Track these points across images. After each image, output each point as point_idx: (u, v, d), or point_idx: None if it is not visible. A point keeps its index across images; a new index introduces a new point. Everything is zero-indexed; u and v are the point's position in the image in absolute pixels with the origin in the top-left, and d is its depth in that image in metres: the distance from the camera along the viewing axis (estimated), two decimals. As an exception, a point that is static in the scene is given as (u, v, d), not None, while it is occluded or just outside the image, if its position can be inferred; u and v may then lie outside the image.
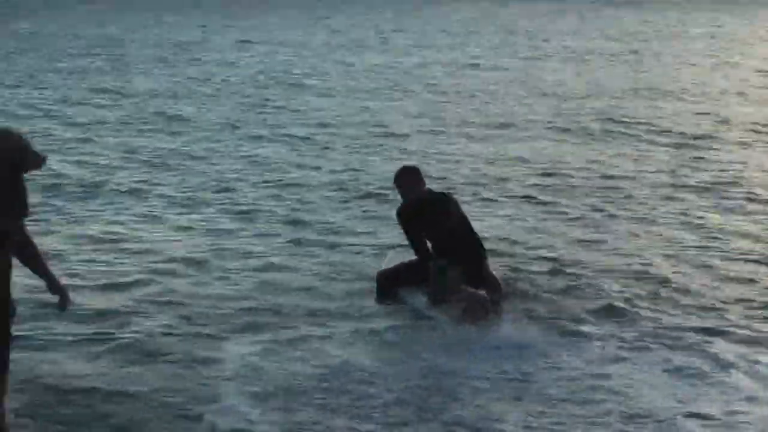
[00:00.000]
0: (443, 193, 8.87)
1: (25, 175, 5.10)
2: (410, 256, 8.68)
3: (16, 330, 5.63)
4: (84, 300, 8.38)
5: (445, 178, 12.96)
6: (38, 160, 5.08)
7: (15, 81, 22.44)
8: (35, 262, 5.35)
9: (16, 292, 5.45)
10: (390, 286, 8.55)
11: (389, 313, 8.39)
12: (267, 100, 20.24)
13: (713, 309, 8.51)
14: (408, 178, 8.59)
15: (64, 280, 8.57)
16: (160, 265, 9.54)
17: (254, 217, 11.44)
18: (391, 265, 8.80)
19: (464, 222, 8.56)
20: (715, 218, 11.52)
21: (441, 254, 8.38)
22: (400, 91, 21.60)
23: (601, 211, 11.88)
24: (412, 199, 8.53)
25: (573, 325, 8.09)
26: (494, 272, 8.64)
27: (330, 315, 8.33)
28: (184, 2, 45.50)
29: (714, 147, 15.75)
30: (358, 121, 17.77)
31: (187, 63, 26.32)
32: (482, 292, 8.16)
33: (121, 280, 9.13)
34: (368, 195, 12.50)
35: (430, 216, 8.40)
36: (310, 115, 18.43)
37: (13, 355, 6.78)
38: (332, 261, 9.78)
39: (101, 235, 10.52)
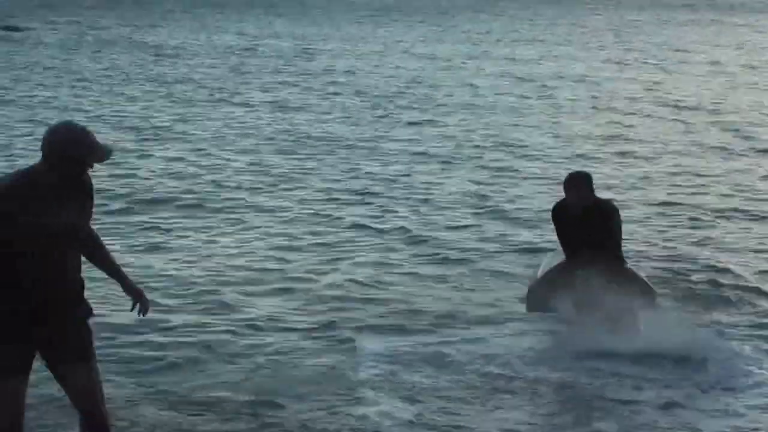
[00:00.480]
0: (606, 204, 8.96)
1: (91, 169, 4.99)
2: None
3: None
4: (226, 313, 8.67)
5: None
6: (102, 154, 4.95)
7: (139, 92, 22.94)
8: (107, 262, 5.20)
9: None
10: (543, 296, 8.76)
11: (532, 320, 8.58)
12: (395, 113, 20.27)
13: None
14: (572, 182, 8.77)
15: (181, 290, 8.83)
16: (292, 274, 9.84)
17: (382, 230, 11.57)
18: (546, 268, 9.09)
19: (612, 235, 8.69)
20: None
21: (585, 261, 8.51)
22: (525, 106, 21.32)
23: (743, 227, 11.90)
24: (568, 203, 8.77)
25: (724, 334, 8.14)
26: (646, 278, 8.82)
27: (469, 321, 8.56)
28: (315, 12, 45.63)
29: None
30: (485, 137, 17.67)
31: (309, 73, 26.53)
32: (628, 300, 8.24)
33: (260, 286, 9.45)
34: (495, 214, 12.46)
35: (578, 222, 8.60)
36: (434, 130, 18.37)
37: (146, 373, 7.31)
38: (464, 273, 9.97)
39: (222, 249, 10.71)
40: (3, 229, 4.82)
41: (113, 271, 5.21)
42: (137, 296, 5.21)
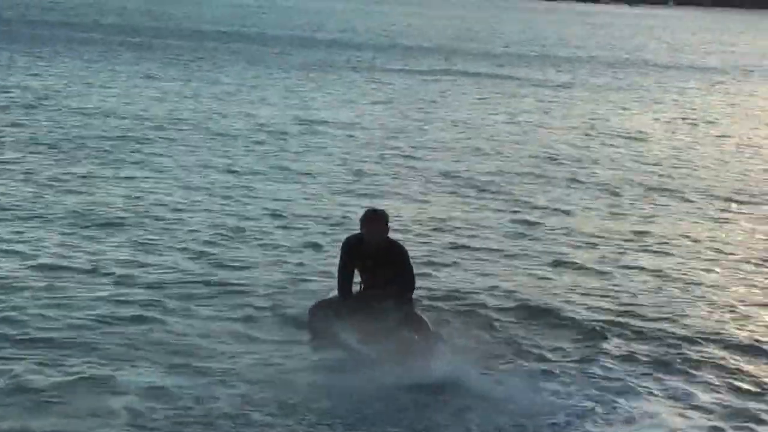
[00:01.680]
0: (397, 244, 9.39)
1: None
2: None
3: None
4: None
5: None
6: None
7: None
8: None
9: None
10: (321, 317, 9.19)
11: (318, 349, 8.98)
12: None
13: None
14: (372, 219, 9.18)
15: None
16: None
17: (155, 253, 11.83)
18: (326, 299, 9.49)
19: (402, 272, 9.15)
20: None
21: (373, 297, 9.04)
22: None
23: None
24: (365, 239, 9.14)
25: (502, 365, 8.94)
26: (424, 315, 9.42)
27: (248, 353, 8.87)
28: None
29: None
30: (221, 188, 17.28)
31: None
32: (413, 334, 8.82)
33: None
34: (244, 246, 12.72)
35: (374, 258, 9.06)
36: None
37: None
38: (224, 306, 10.25)
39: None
40: None
41: None
42: None
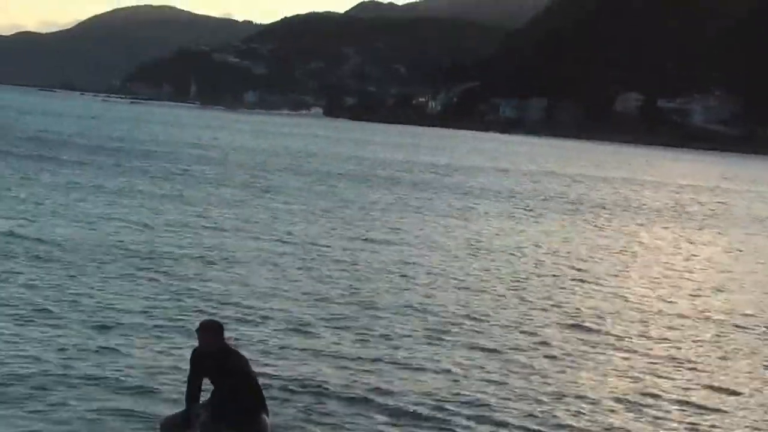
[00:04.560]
0: (232, 351, 10.17)
1: None
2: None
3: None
4: None
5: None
6: None
7: None
8: None
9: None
10: (167, 425, 10.19)
11: None
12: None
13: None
14: (205, 331, 9.94)
15: None
16: None
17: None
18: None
19: (245, 377, 9.96)
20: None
21: (219, 398, 9.93)
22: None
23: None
24: (204, 349, 9.95)
25: None
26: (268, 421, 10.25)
27: None
28: None
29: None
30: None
31: None
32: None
33: None
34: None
35: (214, 367, 9.88)
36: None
37: None
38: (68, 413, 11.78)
39: None
40: None
41: None
42: None
